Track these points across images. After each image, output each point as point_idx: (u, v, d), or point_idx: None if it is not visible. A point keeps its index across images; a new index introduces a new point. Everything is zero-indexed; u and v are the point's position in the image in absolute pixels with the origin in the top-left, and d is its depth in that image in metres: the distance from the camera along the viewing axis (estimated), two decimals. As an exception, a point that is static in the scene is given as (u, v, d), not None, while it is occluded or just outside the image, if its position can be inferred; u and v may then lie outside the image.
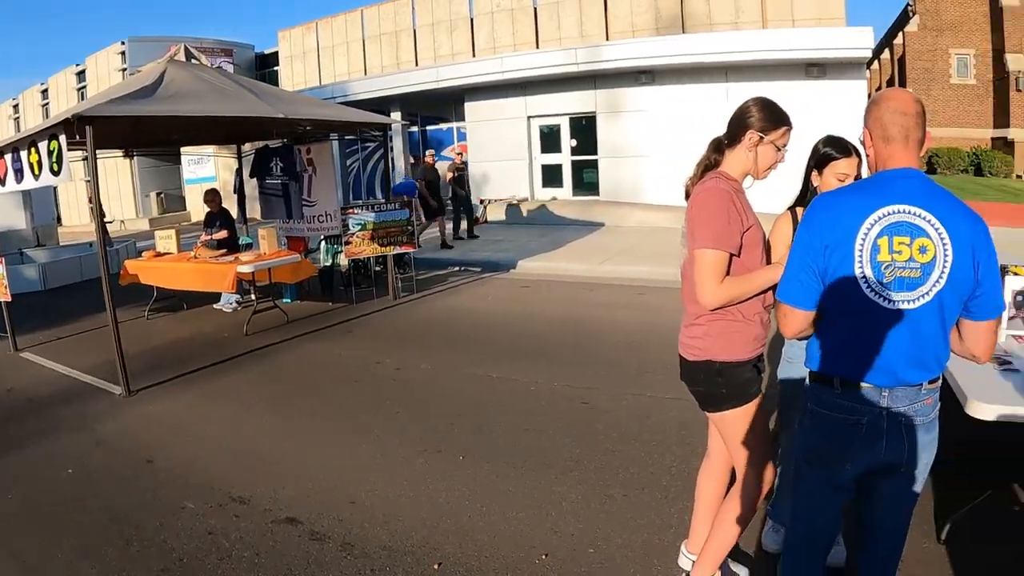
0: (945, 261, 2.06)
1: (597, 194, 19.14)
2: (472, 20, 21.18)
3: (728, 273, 2.58)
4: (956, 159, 28.91)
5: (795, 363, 3.18)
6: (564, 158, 19.74)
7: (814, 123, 16.17)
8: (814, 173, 3.10)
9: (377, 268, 10.76)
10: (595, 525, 3.71)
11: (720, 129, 2.81)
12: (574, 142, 19.56)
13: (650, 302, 8.93)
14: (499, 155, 19.86)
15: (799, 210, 3.00)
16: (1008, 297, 3.83)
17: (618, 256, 12.48)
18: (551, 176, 19.98)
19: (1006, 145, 29.79)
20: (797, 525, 2.50)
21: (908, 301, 2.09)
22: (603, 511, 3.86)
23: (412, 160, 20.61)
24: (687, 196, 2.73)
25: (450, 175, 15.12)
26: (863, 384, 2.17)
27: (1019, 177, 27.93)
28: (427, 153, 15.11)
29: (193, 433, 5.36)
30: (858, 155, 3.00)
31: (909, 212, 2.08)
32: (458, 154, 14.63)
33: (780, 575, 2.55)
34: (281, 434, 5.21)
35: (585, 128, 19.15)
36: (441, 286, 10.43)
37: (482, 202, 18.73)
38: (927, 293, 2.08)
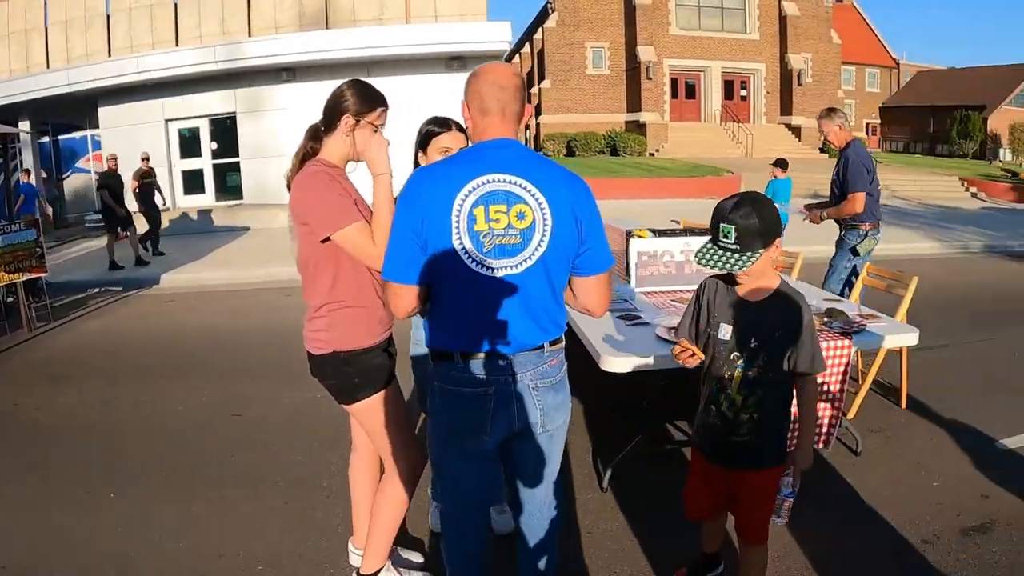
0: (545, 225, 2.07)
1: (241, 197, 18.59)
2: (108, 17, 19.33)
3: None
4: (593, 142, 31.77)
5: (422, 344, 2.88)
6: (205, 162, 18.97)
7: (454, 114, 17.21)
8: (420, 154, 3.07)
9: (10, 299, 9.46)
10: (262, 539, 3.51)
11: None
12: (215, 145, 18.80)
13: (298, 302, 8.87)
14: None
15: None
16: (633, 257, 4.25)
17: (264, 259, 12.35)
18: (193, 182, 19.08)
19: (639, 127, 33.08)
20: (447, 501, 2.47)
21: (511, 267, 2.07)
22: (268, 523, 3.68)
23: (44, 174, 18.84)
24: (289, 189, 2.62)
25: (135, 184, 13.47)
26: (483, 354, 2.13)
27: (651, 155, 31.26)
28: (109, 156, 13.43)
29: None
30: (462, 131, 2.99)
31: (505, 180, 2.06)
32: (112, 159, 12.93)
33: (443, 552, 2.51)
34: None
35: (227, 129, 18.50)
36: (81, 310, 9.61)
37: (120, 215, 17.50)
38: (530, 257, 2.08)
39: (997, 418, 4.78)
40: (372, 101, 2.60)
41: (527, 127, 11.35)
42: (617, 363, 3.19)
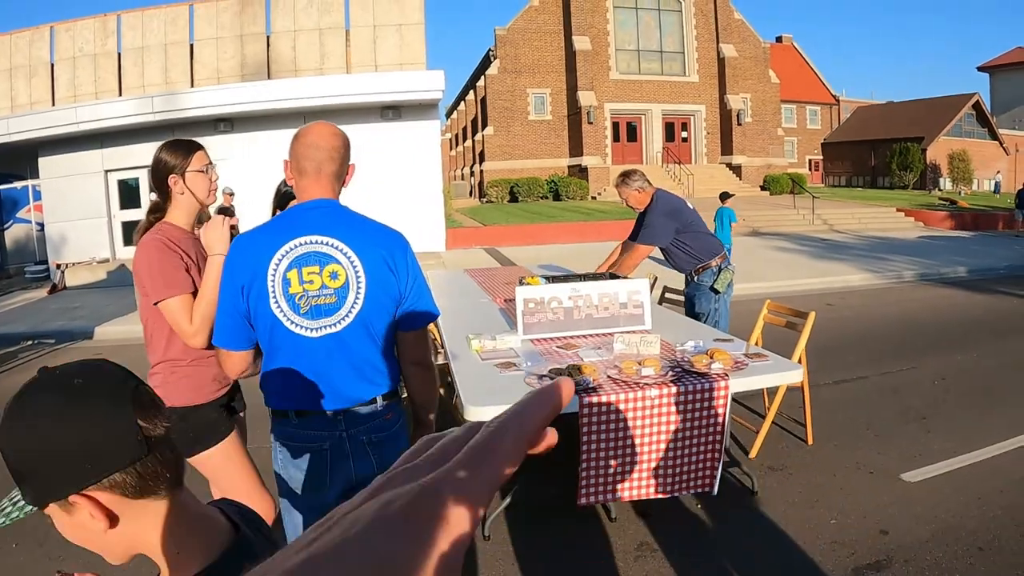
0: (359, 283, 2.14)
1: None
2: (53, 66, 19.11)
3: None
4: (536, 187, 31.95)
5: None
6: (144, 213, 18.70)
7: (390, 163, 17.10)
8: (277, 213, 3.08)
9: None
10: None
11: None
12: (154, 195, 18.59)
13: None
14: (77, 214, 18.40)
15: None
16: (520, 305, 4.16)
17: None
18: (132, 233, 18.72)
19: (581, 171, 33.36)
20: None
21: (330, 326, 2.14)
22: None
23: None
24: None
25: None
26: (316, 411, 2.18)
27: (594, 199, 31.51)
28: (226, 191, 12.41)
29: None
30: None
31: (317, 242, 2.12)
32: (228, 194, 11.91)
33: None
34: None
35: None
36: (11, 363, 9.32)
37: (58, 266, 17.25)
38: (347, 315, 2.14)
39: (906, 450, 4.77)
40: (187, 150, 2.68)
41: (471, 173, 11.44)
42: (479, 413, 3.10)
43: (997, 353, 7.34)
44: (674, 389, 3.24)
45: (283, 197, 3.11)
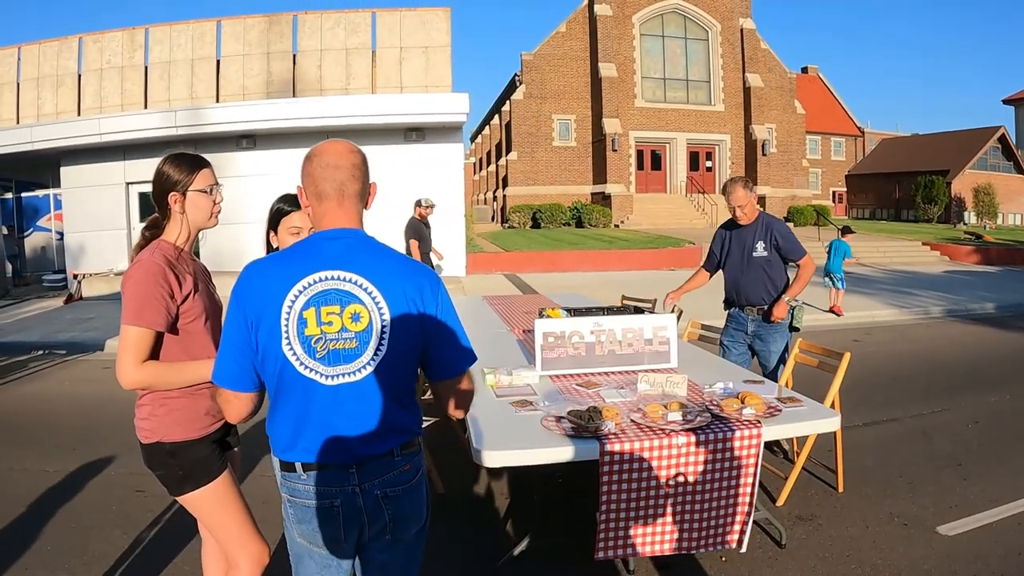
0: (384, 327, 1.93)
1: None
2: (80, 76, 19.17)
3: (159, 350, 2.41)
4: (558, 214, 31.87)
5: None
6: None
7: (413, 185, 17.05)
8: (271, 234, 2.96)
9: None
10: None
11: None
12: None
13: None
14: (97, 224, 18.41)
15: None
16: (539, 339, 3.99)
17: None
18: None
19: (604, 199, 33.26)
20: None
21: (349, 374, 1.93)
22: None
23: (5, 231, 18.68)
24: None
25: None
26: (326, 465, 1.97)
27: (616, 226, 31.35)
28: (426, 203, 12.03)
29: None
30: None
31: (338, 278, 1.91)
32: (428, 207, 11.53)
33: None
34: None
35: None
36: (21, 372, 9.25)
37: (76, 276, 17.28)
38: (369, 363, 1.93)
39: (941, 499, 4.54)
40: (191, 166, 2.53)
41: (493, 198, 11.00)
42: (494, 457, 2.92)
43: (1031, 395, 7.08)
44: (702, 437, 3.04)
45: (275, 215, 2.90)
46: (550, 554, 3.82)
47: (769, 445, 5.29)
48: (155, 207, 2.56)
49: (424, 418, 4.87)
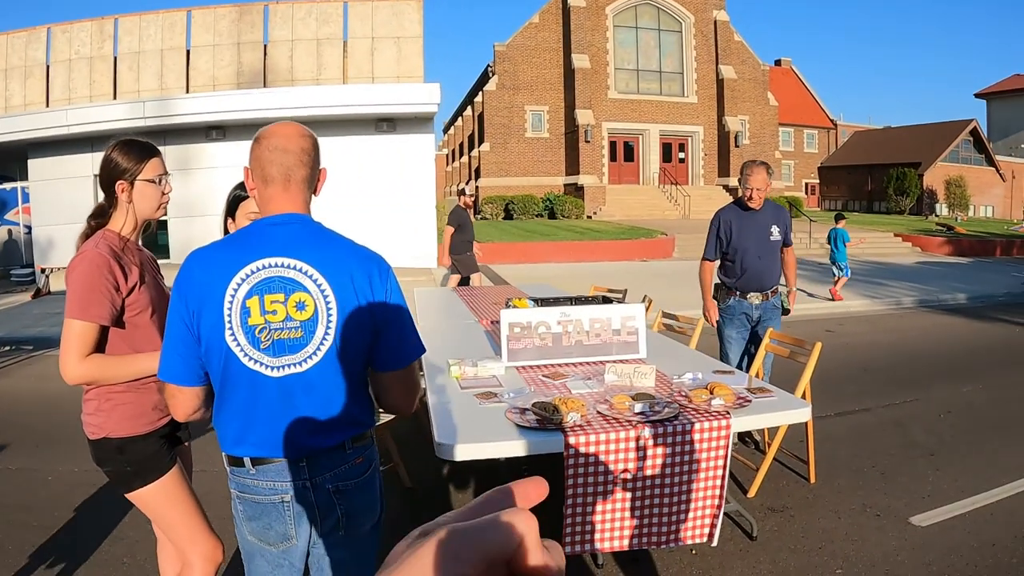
0: (329, 315, 1.85)
1: (168, 256, 17.90)
2: (48, 68, 18.75)
3: (105, 343, 2.32)
4: (531, 205, 31.73)
5: None
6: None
7: (383, 176, 16.90)
8: (229, 221, 2.85)
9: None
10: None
11: None
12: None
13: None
14: (66, 218, 17.97)
15: None
16: (504, 329, 3.88)
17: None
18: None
19: (577, 190, 33.16)
20: None
21: (295, 364, 1.86)
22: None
23: None
24: None
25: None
26: (275, 459, 1.90)
27: (589, 218, 31.30)
28: (468, 192, 11.66)
29: None
30: None
31: (282, 265, 1.84)
32: (470, 195, 11.15)
33: None
34: None
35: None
36: None
37: (43, 271, 16.94)
38: (315, 353, 1.86)
39: (914, 490, 4.50)
40: (140, 155, 2.44)
41: (462, 191, 10.80)
42: (455, 450, 2.79)
43: (1003, 385, 7.08)
44: (670, 428, 2.95)
45: (233, 201, 2.77)
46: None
47: (741, 436, 5.23)
48: (104, 194, 2.48)
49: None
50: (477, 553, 0.40)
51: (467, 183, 12.05)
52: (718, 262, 5.50)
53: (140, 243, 2.58)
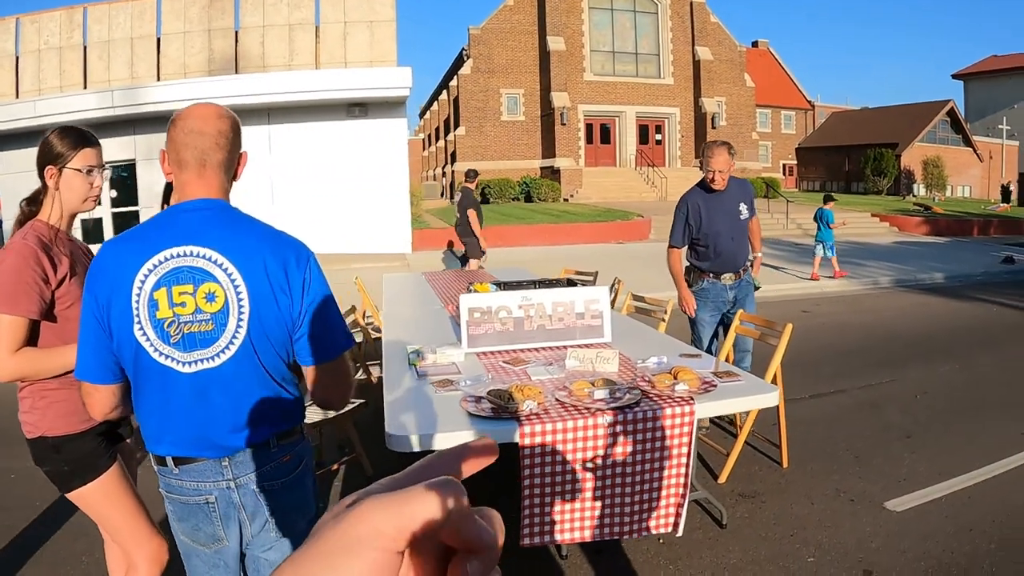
0: (241, 307, 1.76)
1: None
2: (17, 58, 18.36)
3: (37, 337, 2.21)
4: (507, 189, 31.46)
5: None
6: (104, 211, 17.97)
7: (356, 162, 16.69)
8: (165, 207, 2.66)
9: None
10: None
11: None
12: (114, 193, 17.96)
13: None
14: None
15: None
16: (464, 315, 3.75)
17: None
18: (92, 231, 17.96)
19: (553, 173, 32.85)
20: None
21: (208, 359, 1.77)
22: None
23: None
24: None
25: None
26: (197, 459, 1.83)
27: (566, 200, 31.11)
28: (469, 171, 11.75)
29: None
30: None
31: (192, 254, 1.74)
32: (473, 175, 11.66)
33: None
34: None
35: (126, 178, 17.72)
36: None
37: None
38: (228, 347, 1.77)
39: (889, 473, 4.40)
40: (74, 142, 2.34)
41: (442, 174, 10.58)
42: (403, 441, 2.66)
43: (980, 364, 7.01)
44: (630, 416, 2.80)
45: (167, 188, 2.66)
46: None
47: (715, 418, 5.11)
48: (39, 177, 2.38)
49: (352, 400, 4.63)
50: (398, 527, 0.39)
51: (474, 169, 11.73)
52: (686, 248, 5.34)
53: (71, 234, 2.46)
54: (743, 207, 5.13)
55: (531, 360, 3.62)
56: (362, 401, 4.47)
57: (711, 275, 5.17)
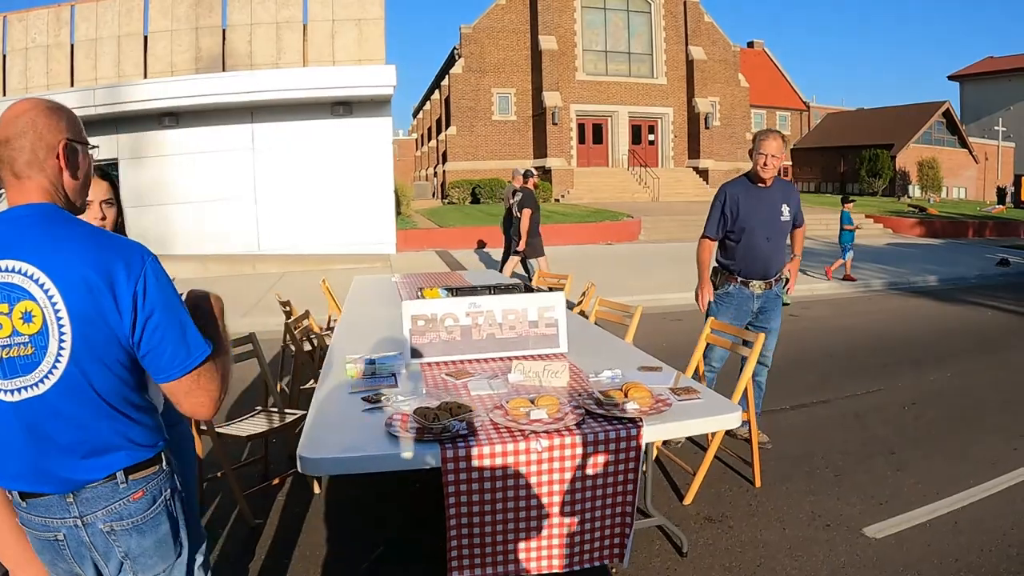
0: (61, 326, 1.56)
1: None
2: (4, 57, 18.18)
3: None
4: (498, 188, 31.11)
5: None
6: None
7: (340, 161, 16.39)
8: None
9: None
10: None
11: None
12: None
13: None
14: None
15: None
16: (407, 323, 3.52)
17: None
18: None
19: (544, 173, 32.52)
20: None
21: (31, 386, 1.58)
22: None
23: None
24: None
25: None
26: (40, 494, 1.65)
27: (557, 201, 30.79)
28: (527, 172, 11.58)
29: None
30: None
31: (7, 269, 1.56)
32: (531, 175, 11.63)
33: None
34: None
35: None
36: None
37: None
38: (52, 371, 1.57)
39: (871, 494, 4.09)
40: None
41: (434, 174, 10.28)
42: (312, 464, 2.40)
43: (973, 372, 6.73)
44: (568, 440, 2.51)
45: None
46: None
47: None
48: None
49: (288, 411, 4.33)
50: None
51: (529, 168, 11.29)
52: (718, 242, 4.97)
53: None
54: (785, 208, 4.78)
55: (476, 373, 3.32)
56: (302, 412, 4.16)
57: (739, 279, 4.80)
